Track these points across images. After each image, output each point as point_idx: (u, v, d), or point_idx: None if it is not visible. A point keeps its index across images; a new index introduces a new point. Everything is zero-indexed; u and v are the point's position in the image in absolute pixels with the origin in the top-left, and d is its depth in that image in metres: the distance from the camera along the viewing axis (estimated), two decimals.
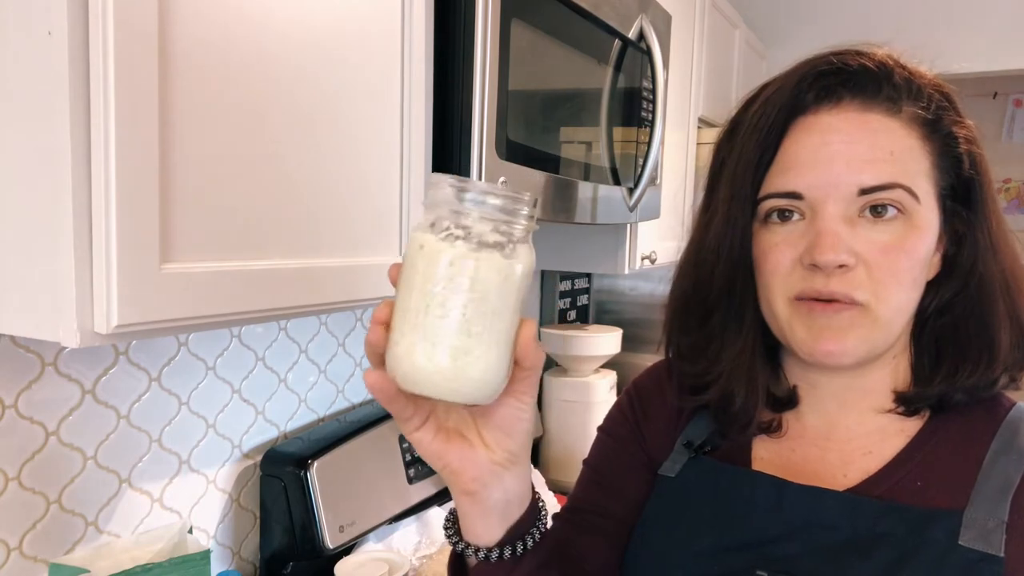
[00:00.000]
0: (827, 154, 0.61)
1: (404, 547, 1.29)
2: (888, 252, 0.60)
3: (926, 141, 0.63)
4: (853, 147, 0.61)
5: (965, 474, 0.62)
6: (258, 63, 0.71)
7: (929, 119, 0.63)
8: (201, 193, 0.66)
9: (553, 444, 1.85)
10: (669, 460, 0.74)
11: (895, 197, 0.60)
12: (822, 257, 0.60)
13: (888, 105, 0.62)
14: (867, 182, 0.60)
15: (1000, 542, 0.57)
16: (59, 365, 0.92)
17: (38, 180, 0.60)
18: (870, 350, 0.63)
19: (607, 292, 2.27)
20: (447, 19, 0.92)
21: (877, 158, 0.60)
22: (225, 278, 0.69)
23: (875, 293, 0.61)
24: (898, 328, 0.64)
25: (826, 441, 0.68)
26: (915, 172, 0.61)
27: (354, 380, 1.42)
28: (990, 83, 3.13)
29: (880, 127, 0.61)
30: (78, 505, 0.96)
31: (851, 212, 0.61)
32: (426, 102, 0.92)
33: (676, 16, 1.53)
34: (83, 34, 0.57)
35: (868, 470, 0.65)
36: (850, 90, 0.62)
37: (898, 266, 0.61)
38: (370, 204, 0.87)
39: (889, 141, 0.61)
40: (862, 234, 0.61)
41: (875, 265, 0.61)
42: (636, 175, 1.38)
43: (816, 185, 0.61)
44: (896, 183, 0.60)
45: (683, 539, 0.69)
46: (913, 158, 0.62)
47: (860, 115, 0.62)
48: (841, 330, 0.61)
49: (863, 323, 0.61)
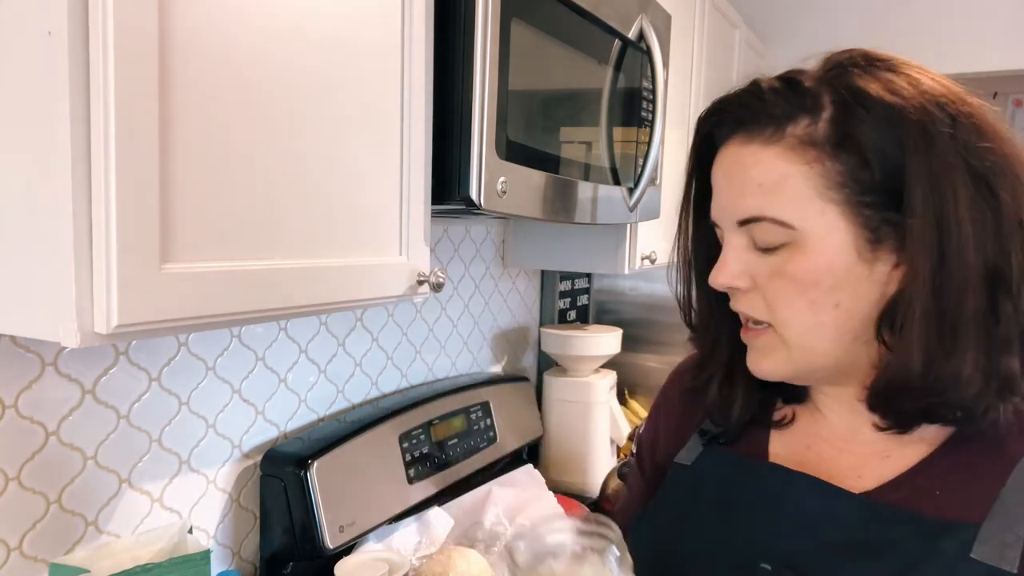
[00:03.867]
0: (719, 188, 0.66)
1: (404, 547, 1.29)
2: (772, 278, 0.63)
3: (814, 162, 0.59)
4: (730, 183, 0.65)
5: (987, 487, 0.60)
6: (258, 63, 0.71)
7: (819, 137, 0.59)
8: (201, 193, 0.66)
9: (553, 444, 1.85)
10: (685, 449, 0.75)
11: (764, 230, 0.62)
12: (712, 279, 0.66)
13: (770, 132, 0.61)
14: (738, 215, 0.63)
15: (1015, 558, 0.56)
16: (59, 365, 0.92)
17: (38, 180, 0.60)
18: (795, 369, 0.65)
19: (607, 292, 2.27)
20: (447, 19, 0.92)
21: (746, 192, 0.62)
22: (225, 278, 0.69)
23: (772, 316, 0.64)
24: (824, 348, 0.62)
25: (843, 442, 0.68)
26: (792, 198, 0.60)
27: (354, 380, 1.42)
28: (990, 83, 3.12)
29: (753, 160, 0.62)
30: (78, 505, 0.96)
31: (745, 241, 0.64)
32: (426, 102, 0.92)
33: (676, 16, 1.53)
34: (83, 34, 0.57)
35: (884, 474, 0.64)
36: (732, 127, 0.65)
37: (783, 289, 0.62)
38: (370, 204, 0.87)
39: (759, 174, 0.62)
40: (755, 261, 0.64)
41: (765, 290, 0.64)
42: (636, 175, 1.38)
43: (717, 216, 0.67)
44: (761, 216, 0.62)
45: (692, 527, 0.70)
46: (789, 185, 0.60)
47: (740, 149, 0.64)
48: (762, 351, 0.66)
49: (777, 346, 0.65)
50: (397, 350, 1.54)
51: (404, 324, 1.55)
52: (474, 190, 0.92)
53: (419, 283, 0.94)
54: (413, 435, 1.36)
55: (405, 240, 0.92)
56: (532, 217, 1.07)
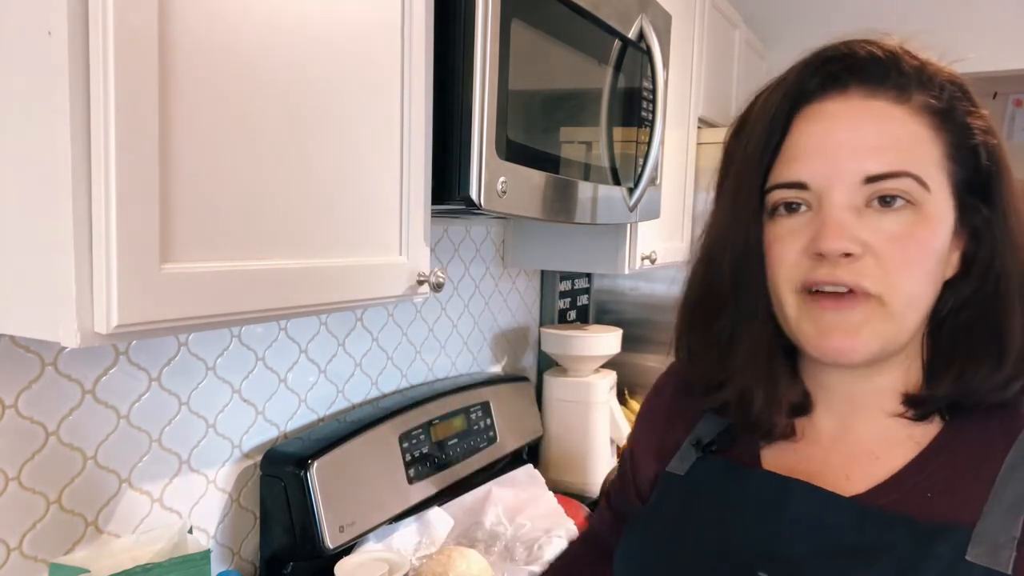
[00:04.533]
0: (832, 142, 0.60)
1: (404, 547, 1.29)
2: (897, 241, 0.59)
3: (938, 131, 0.60)
4: (858, 135, 0.59)
5: (977, 487, 0.60)
6: (258, 63, 0.71)
7: (940, 108, 0.60)
8: (201, 193, 0.66)
9: (553, 444, 1.85)
10: (676, 458, 0.74)
11: (903, 186, 0.58)
12: (826, 245, 0.59)
13: (896, 92, 0.60)
14: (872, 170, 0.58)
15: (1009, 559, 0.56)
16: (59, 365, 0.92)
17: (38, 180, 0.60)
18: (883, 346, 0.61)
19: (607, 292, 2.27)
20: (447, 19, 0.92)
21: (883, 145, 0.59)
22: (225, 278, 0.69)
23: (886, 283, 0.59)
24: (912, 323, 0.61)
25: (833, 443, 0.67)
26: (924, 161, 0.60)
27: (354, 380, 1.42)
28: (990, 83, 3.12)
29: (886, 114, 0.60)
30: (78, 505, 0.96)
31: (858, 201, 0.59)
32: (426, 102, 0.92)
33: (676, 16, 1.53)
34: (83, 34, 0.57)
35: (874, 475, 0.64)
36: (856, 77, 0.61)
37: (908, 255, 0.59)
38: (370, 204, 0.87)
39: (896, 128, 0.59)
40: (870, 223, 0.59)
41: (884, 254, 0.59)
42: (636, 175, 1.38)
43: (821, 174, 0.60)
44: (903, 171, 0.58)
45: (687, 536, 0.69)
46: (922, 146, 0.60)
47: (866, 102, 0.60)
48: (853, 326, 0.60)
49: (876, 317, 0.60)
50: (397, 350, 1.54)
51: (404, 324, 1.55)
52: (474, 190, 0.92)
53: (419, 283, 0.94)
54: (413, 435, 1.36)
55: (405, 240, 0.92)
56: (532, 217, 1.07)
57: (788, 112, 0.63)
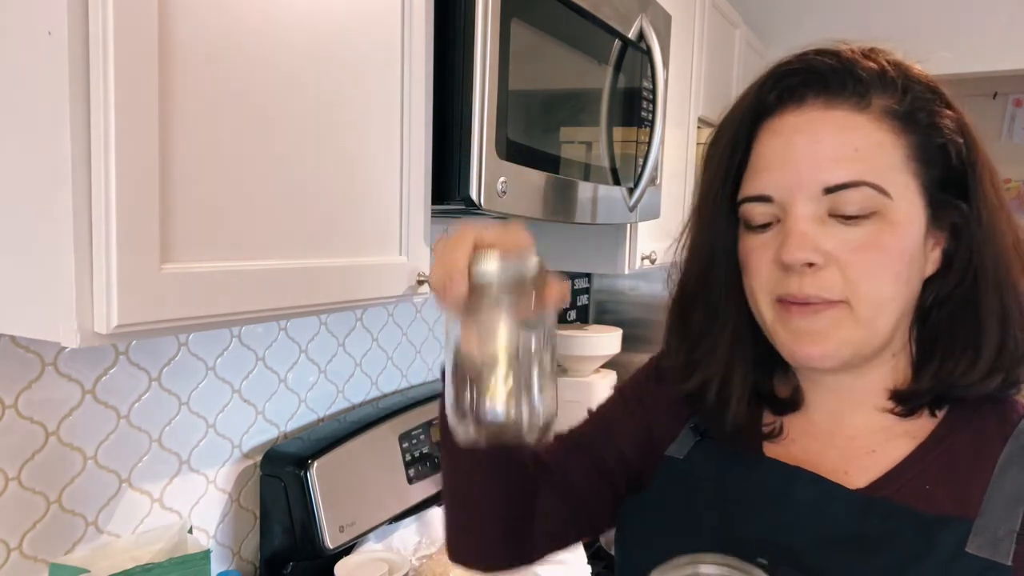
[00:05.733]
0: (791, 155, 0.61)
1: (404, 547, 1.29)
2: (860, 250, 0.60)
3: (900, 134, 0.61)
4: (816, 146, 0.61)
5: (976, 480, 0.61)
6: (258, 63, 0.71)
7: (902, 111, 0.61)
8: (201, 193, 0.66)
9: None
10: (676, 442, 0.75)
11: (862, 196, 0.59)
12: (788, 256, 0.60)
13: (855, 100, 0.61)
14: (830, 180, 0.60)
15: (1009, 550, 0.57)
16: (59, 365, 0.92)
17: (38, 180, 0.60)
18: (854, 351, 0.62)
19: (607, 292, 2.27)
20: (447, 19, 0.92)
21: (841, 156, 0.60)
22: (225, 278, 0.69)
23: (851, 291, 0.60)
24: (884, 327, 0.62)
25: (829, 437, 0.68)
26: (885, 167, 0.60)
27: (354, 380, 1.42)
28: (990, 83, 3.13)
29: (845, 123, 0.60)
30: (78, 505, 0.96)
31: (820, 211, 0.61)
32: (426, 102, 0.92)
33: (676, 16, 1.53)
34: (83, 34, 0.57)
35: (872, 469, 0.64)
36: (812, 89, 0.62)
37: (873, 262, 0.60)
38: (370, 204, 0.87)
39: (855, 137, 0.60)
40: (833, 233, 0.60)
41: (847, 264, 0.60)
42: (636, 175, 1.38)
43: (782, 186, 0.62)
44: (861, 180, 0.59)
45: (687, 521, 0.69)
46: (883, 152, 0.60)
47: (824, 113, 0.61)
48: (821, 332, 0.62)
49: (845, 323, 0.61)
50: (397, 350, 1.54)
51: (404, 324, 1.55)
52: (474, 190, 0.92)
53: (419, 283, 0.94)
54: (413, 435, 1.36)
55: (405, 240, 0.92)
56: (532, 217, 1.07)
57: (750, 127, 0.65)
